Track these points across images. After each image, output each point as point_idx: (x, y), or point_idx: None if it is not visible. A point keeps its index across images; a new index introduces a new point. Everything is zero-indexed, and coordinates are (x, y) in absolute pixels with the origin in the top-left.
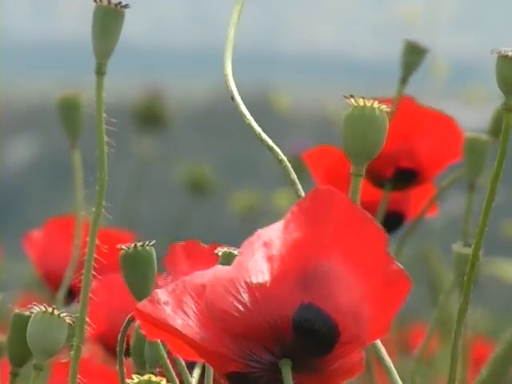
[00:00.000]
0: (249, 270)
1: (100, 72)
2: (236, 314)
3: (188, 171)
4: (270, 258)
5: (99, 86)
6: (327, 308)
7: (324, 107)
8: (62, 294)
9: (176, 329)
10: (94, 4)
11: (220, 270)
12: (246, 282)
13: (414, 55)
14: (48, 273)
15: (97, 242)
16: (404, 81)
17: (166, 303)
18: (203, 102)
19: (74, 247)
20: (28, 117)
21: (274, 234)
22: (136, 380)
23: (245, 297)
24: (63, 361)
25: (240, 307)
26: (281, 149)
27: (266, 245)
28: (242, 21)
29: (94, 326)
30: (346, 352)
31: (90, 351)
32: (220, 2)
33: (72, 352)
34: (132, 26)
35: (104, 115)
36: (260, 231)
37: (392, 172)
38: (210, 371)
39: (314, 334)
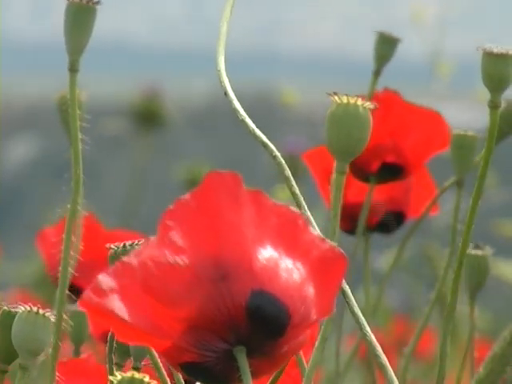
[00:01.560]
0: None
1: (73, 69)
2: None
3: (187, 171)
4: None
5: (72, 83)
6: (276, 292)
7: (325, 107)
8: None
9: (124, 320)
10: (66, 1)
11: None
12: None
13: (386, 46)
14: (57, 271)
15: (73, 239)
16: (377, 73)
17: (112, 290)
18: (202, 101)
19: (74, 246)
20: (28, 117)
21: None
22: (119, 377)
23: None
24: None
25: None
26: (279, 148)
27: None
28: (242, 21)
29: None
30: (296, 333)
31: (93, 350)
32: (220, 2)
33: (50, 350)
34: (132, 26)
35: (78, 112)
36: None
37: (377, 166)
38: None
39: (268, 319)
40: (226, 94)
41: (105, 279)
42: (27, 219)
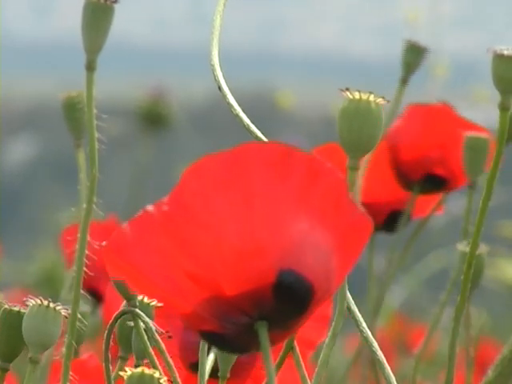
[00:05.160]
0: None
1: (90, 68)
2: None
3: None
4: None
5: (89, 82)
6: (304, 271)
7: (324, 107)
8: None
9: (144, 275)
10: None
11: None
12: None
13: (414, 55)
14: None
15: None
16: (405, 81)
17: (133, 243)
18: (204, 102)
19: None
20: (28, 117)
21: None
22: (129, 372)
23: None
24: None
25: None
26: None
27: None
28: (242, 21)
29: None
30: (317, 307)
31: (93, 350)
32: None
33: (64, 349)
34: (133, 27)
35: (95, 111)
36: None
37: (422, 176)
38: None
39: (294, 297)
40: (220, 88)
41: (127, 230)
42: (27, 219)
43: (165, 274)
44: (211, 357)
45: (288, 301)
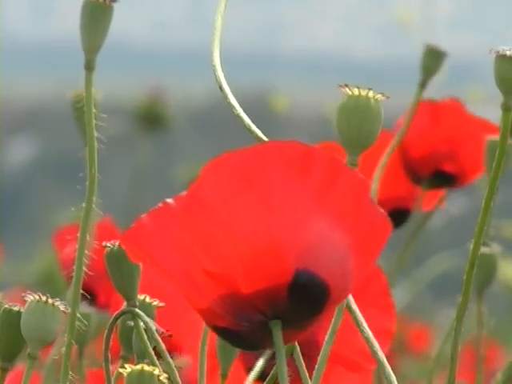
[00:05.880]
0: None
1: (89, 67)
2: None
3: (188, 171)
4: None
5: (88, 82)
6: (321, 272)
7: (324, 108)
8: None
9: (161, 267)
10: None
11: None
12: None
13: (433, 59)
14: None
15: (88, 237)
16: (423, 85)
17: (153, 233)
18: (204, 102)
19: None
20: (28, 117)
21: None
22: (129, 369)
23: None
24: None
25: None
26: None
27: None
28: (241, 22)
29: None
30: (333, 307)
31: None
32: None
33: (63, 348)
34: (132, 27)
35: (94, 111)
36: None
37: (432, 172)
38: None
39: (309, 298)
40: (221, 88)
41: (146, 221)
42: (27, 219)
43: (182, 268)
44: (259, 363)
45: (303, 301)
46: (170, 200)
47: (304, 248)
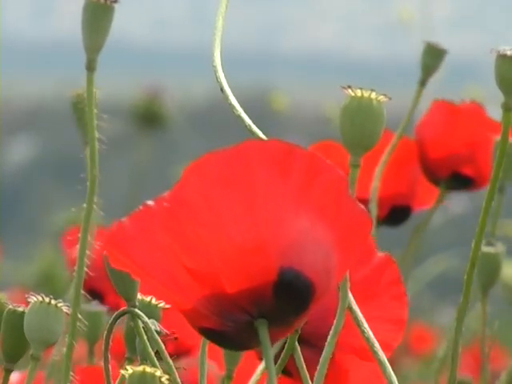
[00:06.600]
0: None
1: (90, 67)
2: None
3: None
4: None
5: (90, 82)
6: (305, 269)
7: (323, 107)
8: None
9: (143, 269)
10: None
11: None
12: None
13: (433, 57)
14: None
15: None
16: (423, 83)
17: (133, 236)
18: (203, 102)
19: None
20: (28, 117)
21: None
22: (130, 371)
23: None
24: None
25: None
26: None
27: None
28: (242, 21)
29: None
30: (316, 305)
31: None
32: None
33: (64, 349)
34: (133, 26)
35: (95, 111)
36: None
37: (450, 174)
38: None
39: (294, 296)
40: (221, 89)
41: (127, 224)
42: (27, 219)
43: (165, 270)
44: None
45: (288, 299)
46: (150, 202)
47: (288, 246)
